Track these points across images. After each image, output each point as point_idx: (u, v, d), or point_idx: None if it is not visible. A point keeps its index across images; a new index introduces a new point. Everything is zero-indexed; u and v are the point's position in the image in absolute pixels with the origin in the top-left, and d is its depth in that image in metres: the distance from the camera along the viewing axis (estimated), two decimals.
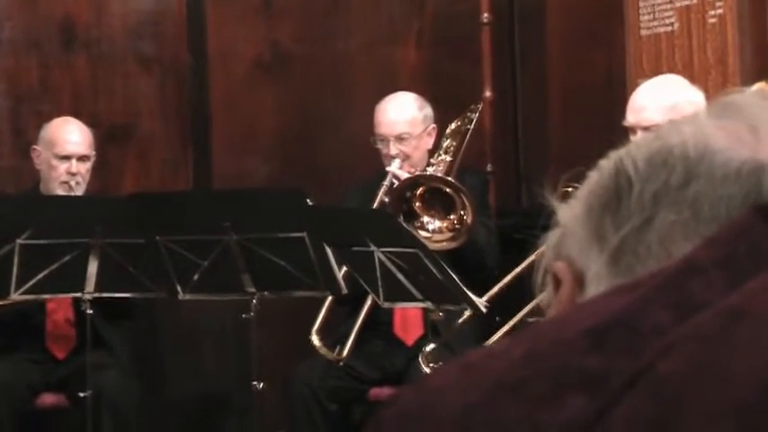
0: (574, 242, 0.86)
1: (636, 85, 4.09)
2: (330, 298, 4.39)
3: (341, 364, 4.35)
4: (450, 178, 4.44)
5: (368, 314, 4.42)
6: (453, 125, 4.84)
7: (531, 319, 3.67)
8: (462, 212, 4.33)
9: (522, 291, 3.89)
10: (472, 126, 4.81)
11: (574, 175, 0.98)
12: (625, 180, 0.83)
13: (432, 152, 4.74)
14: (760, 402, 0.58)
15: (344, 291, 3.99)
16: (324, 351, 4.35)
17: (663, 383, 0.61)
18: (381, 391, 4.46)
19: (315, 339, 4.37)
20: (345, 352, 4.34)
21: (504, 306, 4.08)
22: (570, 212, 0.88)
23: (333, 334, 4.51)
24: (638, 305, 0.66)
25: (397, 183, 4.50)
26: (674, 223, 0.80)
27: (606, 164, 0.86)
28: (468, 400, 0.66)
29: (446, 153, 4.73)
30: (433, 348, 4.02)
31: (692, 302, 0.65)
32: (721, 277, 0.66)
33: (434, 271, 3.66)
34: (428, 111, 4.76)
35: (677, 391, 0.60)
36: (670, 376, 0.61)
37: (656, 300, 0.66)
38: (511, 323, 3.92)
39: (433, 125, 4.74)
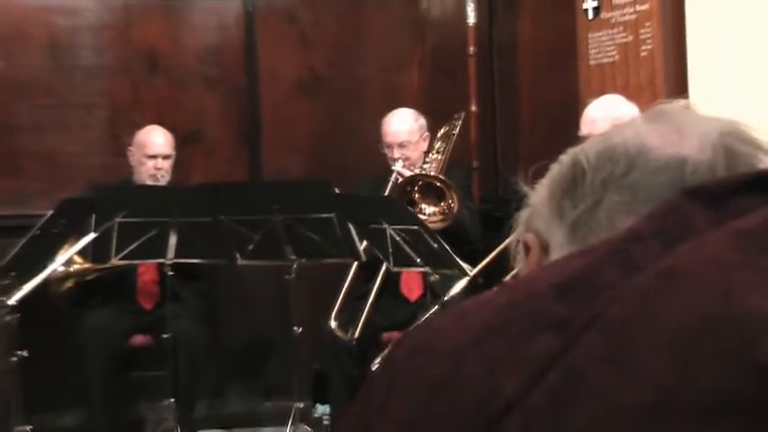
0: (540, 219, 0.86)
1: (586, 103, 4.06)
2: (347, 286, 4.38)
3: (353, 343, 4.32)
4: (441, 176, 4.44)
5: (378, 291, 4.41)
6: (442, 130, 4.84)
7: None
8: (450, 201, 4.33)
9: (501, 260, 3.88)
10: (457, 131, 4.81)
11: (539, 169, 0.97)
12: (580, 170, 0.83)
13: (427, 152, 4.74)
14: (686, 340, 0.58)
15: (364, 259, 3.99)
16: (340, 333, 4.32)
17: (612, 326, 0.61)
18: (391, 335, 4.46)
19: (332, 323, 4.35)
20: (357, 333, 4.31)
21: (487, 272, 4.07)
22: (537, 196, 0.87)
23: (357, 290, 4.51)
24: (592, 266, 0.66)
25: (400, 178, 4.51)
26: (618, 203, 0.79)
27: (565, 158, 0.85)
28: (463, 338, 0.66)
29: (438, 152, 4.74)
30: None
31: (634, 263, 0.65)
32: (657, 244, 0.65)
33: (432, 243, 3.66)
34: (422, 121, 4.74)
35: (624, 332, 0.60)
36: (618, 320, 0.61)
37: (607, 261, 0.66)
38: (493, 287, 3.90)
39: (427, 133, 4.74)
